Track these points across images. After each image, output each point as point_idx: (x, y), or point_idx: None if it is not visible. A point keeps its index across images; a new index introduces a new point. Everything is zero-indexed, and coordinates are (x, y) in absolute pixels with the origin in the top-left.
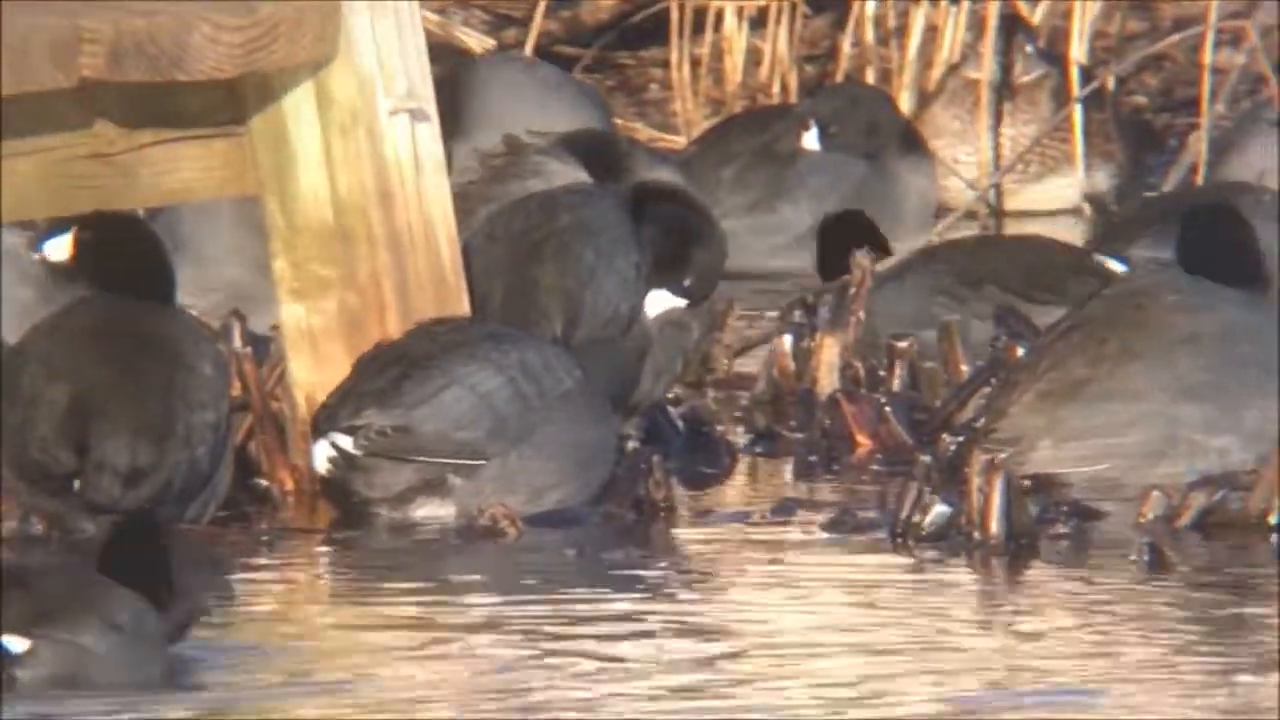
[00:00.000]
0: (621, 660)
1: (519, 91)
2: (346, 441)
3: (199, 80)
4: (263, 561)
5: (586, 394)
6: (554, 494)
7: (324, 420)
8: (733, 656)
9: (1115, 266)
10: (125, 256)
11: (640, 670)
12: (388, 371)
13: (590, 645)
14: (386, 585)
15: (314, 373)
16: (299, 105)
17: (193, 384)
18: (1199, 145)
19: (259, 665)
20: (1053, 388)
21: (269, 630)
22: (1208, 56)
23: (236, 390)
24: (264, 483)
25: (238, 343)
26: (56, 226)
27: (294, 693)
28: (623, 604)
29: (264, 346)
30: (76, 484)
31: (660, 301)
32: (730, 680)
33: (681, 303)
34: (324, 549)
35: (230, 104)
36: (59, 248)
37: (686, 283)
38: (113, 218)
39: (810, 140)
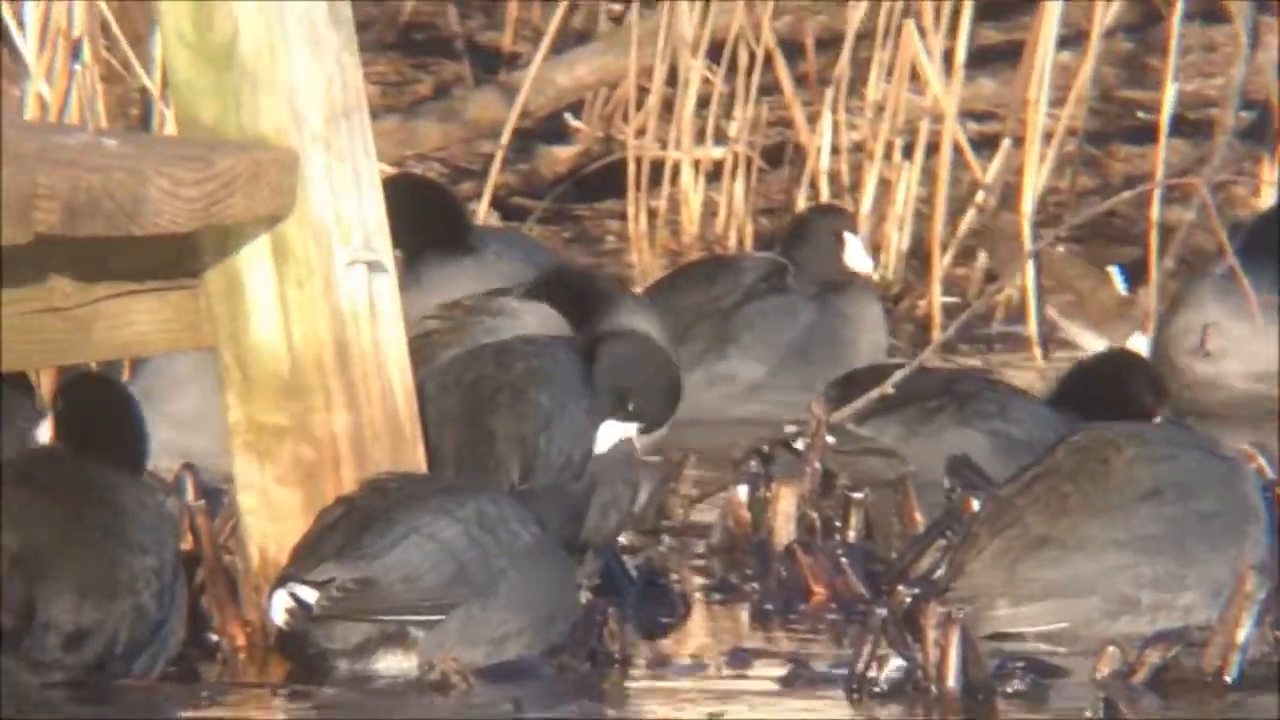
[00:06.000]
0: None
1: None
2: (309, 594)
3: (154, 235)
4: (208, 716)
5: (546, 546)
6: (515, 646)
7: (286, 573)
8: None
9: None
10: (96, 422)
11: None
12: (345, 526)
13: None
14: None
15: (268, 525)
16: (255, 258)
17: (131, 529)
18: (1149, 300)
19: None
20: (1011, 544)
21: None
22: (1156, 213)
23: (189, 544)
24: (215, 637)
25: (190, 495)
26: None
27: None
28: None
29: (218, 499)
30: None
31: (611, 433)
32: None
33: (632, 428)
34: (277, 702)
35: (185, 257)
36: (44, 431)
37: (631, 406)
38: (85, 382)
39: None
